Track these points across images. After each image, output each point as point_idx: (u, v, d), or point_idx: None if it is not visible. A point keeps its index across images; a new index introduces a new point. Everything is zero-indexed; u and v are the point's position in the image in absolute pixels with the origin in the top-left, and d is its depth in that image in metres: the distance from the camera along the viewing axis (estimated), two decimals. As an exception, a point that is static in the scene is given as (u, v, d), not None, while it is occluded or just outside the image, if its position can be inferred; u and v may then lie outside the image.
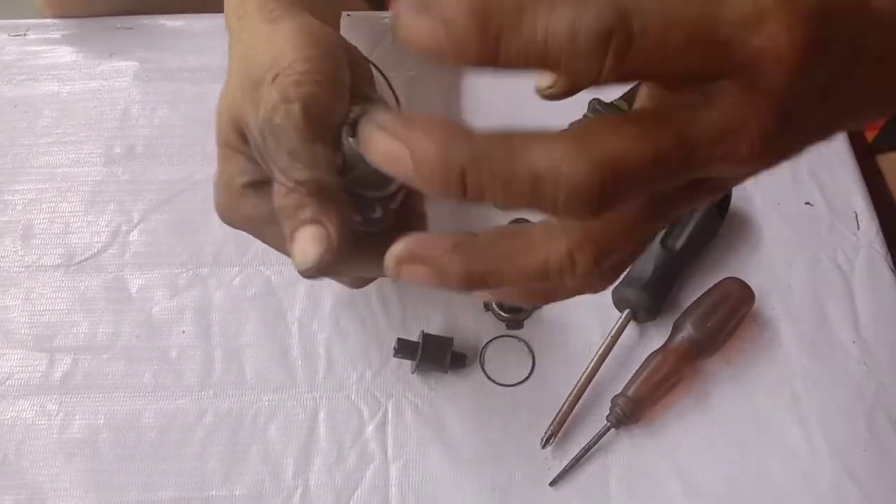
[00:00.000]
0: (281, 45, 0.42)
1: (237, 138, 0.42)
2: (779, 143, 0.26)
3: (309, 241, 0.39)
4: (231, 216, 0.44)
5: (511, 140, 0.24)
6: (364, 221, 0.43)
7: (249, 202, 0.43)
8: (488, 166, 0.23)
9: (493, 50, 0.22)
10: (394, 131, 0.24)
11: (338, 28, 0.57)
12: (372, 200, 0.43)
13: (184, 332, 0.55)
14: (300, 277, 0.57)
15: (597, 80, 0.23)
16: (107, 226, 0.60)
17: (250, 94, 0.41)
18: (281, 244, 0.42)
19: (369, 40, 0.66)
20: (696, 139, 0.25)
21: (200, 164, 0.61)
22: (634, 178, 0.25)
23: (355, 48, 0.48)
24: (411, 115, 0.24)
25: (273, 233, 0.42)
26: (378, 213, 0.43)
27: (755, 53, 0.25)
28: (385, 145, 0.24)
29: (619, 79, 0.23)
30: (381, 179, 0.42)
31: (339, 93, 0.42)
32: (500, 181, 0.24)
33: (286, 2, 0.46)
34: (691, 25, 0.24)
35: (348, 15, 0.66)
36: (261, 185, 0.42)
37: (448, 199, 0.25)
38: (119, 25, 0.69)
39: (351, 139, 0.41)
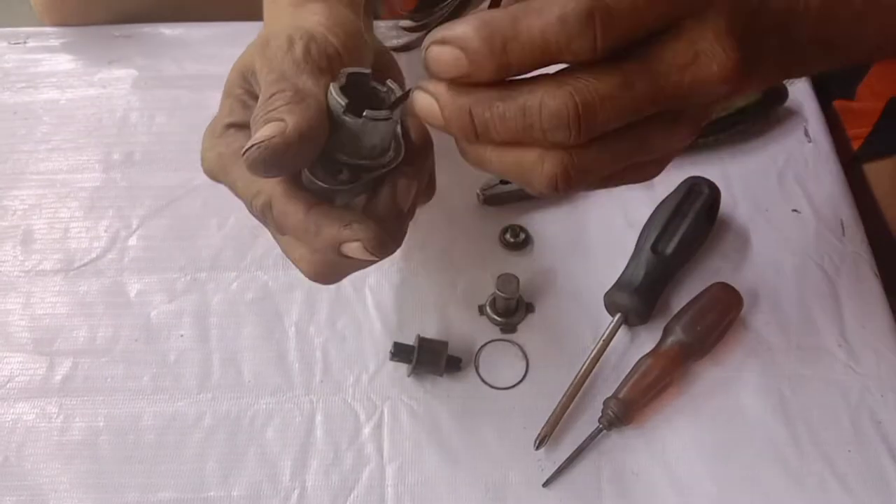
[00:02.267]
0: (305, 16, 0.42)
1: (239, 84, 0.42)
2: (745, 61, 0.30)
3: (264, 129, 0.36)
4: (205, 155, 0.43)
5: (506, 84, 0.31)
6: (327, 181, 0.39)
7: (225, 140, 0.42)
8: (488, 105, 0.31)
9: (505, 61, 0.29)
10: (427, 88, 0.32)
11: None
12: (347, 166, 0.40)
13: (182, 335, 0.56)
14: (297, 282, 0.58)
15: (593, 55, 0.29)
16: (105, 231, 0.60)
17: (263, 49, 0.41)
18: (239, 187, 0.41)
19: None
20: (666, 66, 0.30)
21: (198, 171, 0.60)
22: (607, 104, 0.30)
23: (385, 49, 0.48)
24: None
25: (235, 171, 0.41)
26: (345, 175, 0.39)
27: None
28: (422, 99, 0.32)
29: (609, 48, 0.29)
30: (361, 146, 0.38)
31: (359, 54, 0.42)
32: (497, 116, 0.30)
33: None
34: None
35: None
36: (241, 126, 0.42)
37: (466, 137, 0.32)
38: (118, 34, 0.70)
39: (336, 93, 0.37)
